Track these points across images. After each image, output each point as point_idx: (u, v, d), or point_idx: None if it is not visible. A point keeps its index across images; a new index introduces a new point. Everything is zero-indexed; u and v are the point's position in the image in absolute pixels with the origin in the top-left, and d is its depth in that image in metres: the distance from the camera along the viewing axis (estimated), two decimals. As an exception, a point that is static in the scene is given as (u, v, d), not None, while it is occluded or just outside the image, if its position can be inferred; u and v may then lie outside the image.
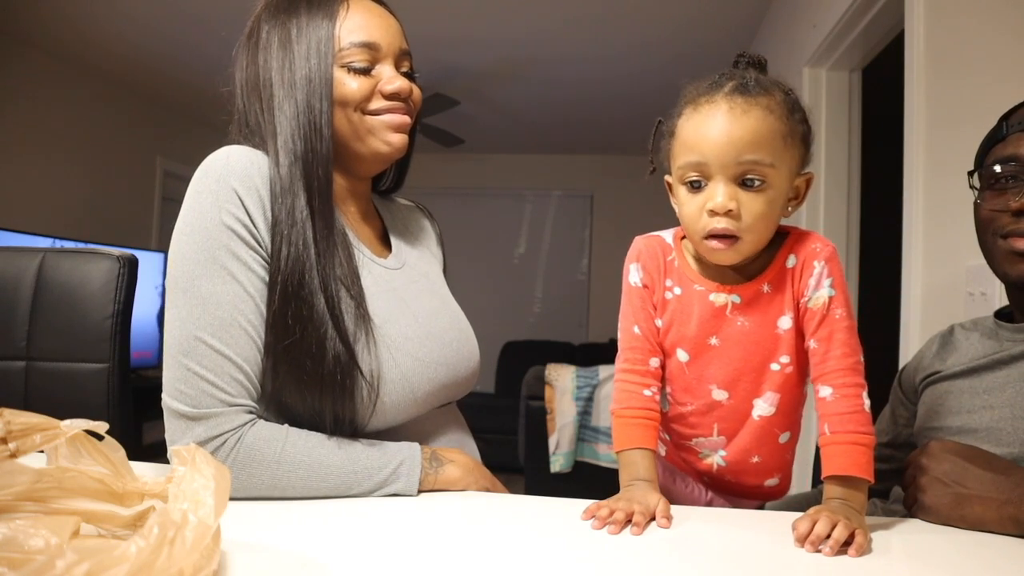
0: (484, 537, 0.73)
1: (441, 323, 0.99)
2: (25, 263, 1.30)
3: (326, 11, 0.91)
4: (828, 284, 0.84)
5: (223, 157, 0.86)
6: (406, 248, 1.06)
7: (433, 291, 1.03)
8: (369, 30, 0.92)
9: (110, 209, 4.59)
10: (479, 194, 6.24)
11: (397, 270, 1.00)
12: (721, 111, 0.79)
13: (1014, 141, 0.90)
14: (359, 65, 0.91)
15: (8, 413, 0.54)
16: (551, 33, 3.61)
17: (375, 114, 0.93)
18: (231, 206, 0.83)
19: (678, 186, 0.85)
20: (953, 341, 1.05)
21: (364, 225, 1.02)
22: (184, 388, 0.81)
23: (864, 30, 2.20)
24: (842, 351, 0.82)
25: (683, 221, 0.85)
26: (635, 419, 0.87)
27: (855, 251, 2.57)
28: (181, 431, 0.81)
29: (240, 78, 0.94)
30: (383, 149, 0.94)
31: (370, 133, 0.93)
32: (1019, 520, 0.73)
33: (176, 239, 0.85)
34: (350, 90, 0.91)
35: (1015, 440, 0.87)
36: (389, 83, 0.93)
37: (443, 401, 0.99)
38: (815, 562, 0.66)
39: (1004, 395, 0.90)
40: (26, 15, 3.59)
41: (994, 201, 0.92)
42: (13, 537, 0.45)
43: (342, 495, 0.85)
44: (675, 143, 0.84)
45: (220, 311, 0.82)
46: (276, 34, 0.91)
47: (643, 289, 0.91)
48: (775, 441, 0.92)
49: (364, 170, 0.99)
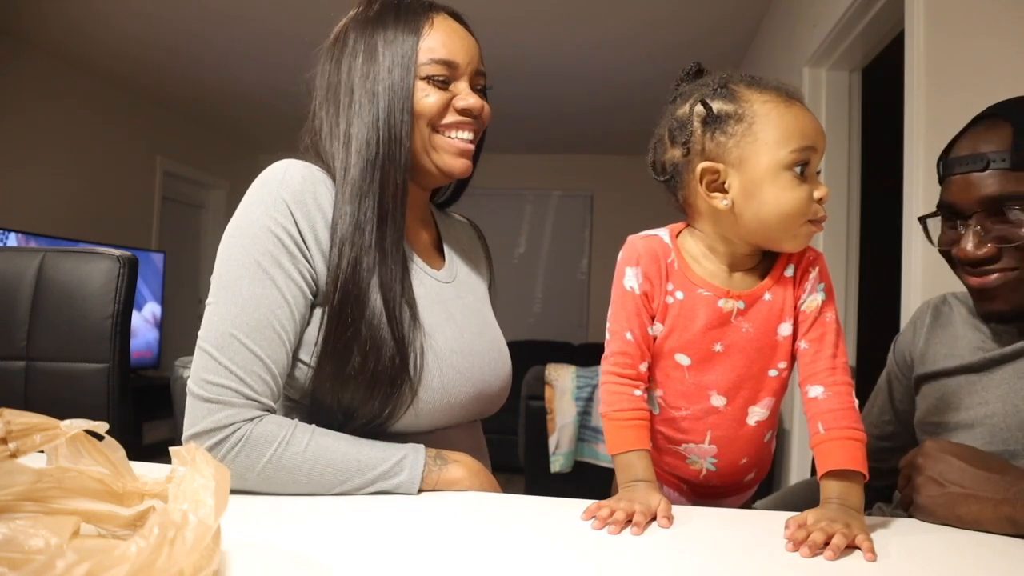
0: (484, 537, 0.73)
1: (483, 341, 1.03)
2: (25, 263, 1.30)
3: (412, 26, 0.95)
4: (821, 289, 0.87)
5: (281, 170, 0.90)
6: (459, 262, 1.10)
7: (479, 310, 1.07)
8: (450, 48, 0.95)
9: (110, 209, 4.59)
10: (479, 194, 6.21)
11: (448, 284, 1.04)
12: (807, 108, 0.83)
13: (947, 187, 0.93)
14: (438, 78, 0.95)
15: (8, 413, 0.54)
16: (548, 24, 3.60)
17: (446, 130, 0.97)
18: (281, 217, 0.88)
19: (779, 172, 0.80)
20: (946, 314, 1.08)
21: (420, 233, 1.06)
22: (212, 378, 0.84)
23: (864, 30, 2.20)
24: (831, 352, 0.85)
25: (783, 205, 0.81)
26: (629, 421, 0.86)
27: (855, 250, 2.57)
28: (201, 416, 0.84)
29: (321, 83, 0.98)
30: (446, 170, 0.98)
31: (436, 151, 0.97)
32: (1014, 519, 0.74)
33: (225, 241, 0.89)
34: (427, 103, 0.94)
35: (1008, 436, 0.88)
36: (463, 99, 0.96)
37: (472, 416, 1.02)
38: (815, 562, 0.66)
39: (998, 392, 0.92)
40: (26, 15, 3.59)
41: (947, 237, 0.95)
42: (13, 537, 0.45)
43: (345, 482, 0.85)
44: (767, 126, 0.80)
45: (257, 312, 0.86)
46: (363, 43, 0.95)
47: (641, 296, 0.88)
48: (762, 441, 0.94)
49: (425, 183, 1.02)
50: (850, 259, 2.56)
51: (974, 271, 0.91)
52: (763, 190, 0.81)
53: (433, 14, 0.97)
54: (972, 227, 0.89)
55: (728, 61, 3.86)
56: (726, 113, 0.82)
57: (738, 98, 0.82)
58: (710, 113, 0.83)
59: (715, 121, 0.83)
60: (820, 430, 0.80)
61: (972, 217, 0.89)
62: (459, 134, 0.97)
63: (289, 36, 3.70)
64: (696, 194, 0.86)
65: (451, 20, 0.99)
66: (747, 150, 0.81)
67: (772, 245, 0.86)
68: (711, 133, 0.83)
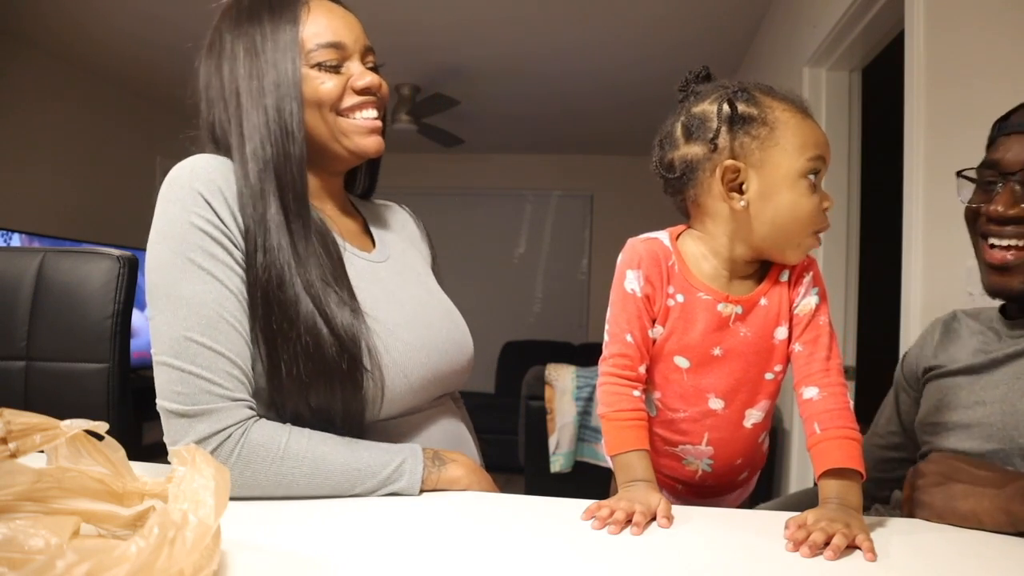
0: (484, 537, 0.73)
1: (429, 311, 1.00)
2: (25, 263, 1.30)
3: (289, 16, 0.92)
4: (814, 292, 0.88)
5: (187, 166, 0.88)
6: (390, 242, 1.07)
7: (420, 282, 1.04)
8: (334, 29, 0.94)
9: (110, 209, 4.59)
10: (479, 194, 6.24)
11: (382, 263, 1.01)
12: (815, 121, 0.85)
13: (999, 146, 0.93)
14: (330, 64, 0.93)
15: (8, 413, 0.54)
16: (550, 25, 3.60)
17: (349, 112, 0.95)
18: (199, 209, 0.85)
19: (797, 179, 0.82)
20: (955, 329, 1.07)
21: (345, 221, 1.03)
22: (180, 388, 0.81)
23: (864, 30, 2.20)
24: (826, 354, 0.85)
25: (796, 212, 0.82)
26: (628, 421, 0.86)
27: (855, 251, 2.57)
28: (183, 430, 0.81)
29: (204, 90, 0.95)
30: (360, 151, 0.97)
31: (346, 135, 0.95)
32: (1010, 511, 0.74)
33: (150, 250, 0.86)
34: (325, 89, 0.92)
35: (1004, 436, 0.89)
36: (360, 78, 0.94)
37: (441, 390, 1.00)
38: (816, 562, 0.66)
39: (997, 392, 0.93)
40: (26, 14, 3.59)
41: (976, 196, 0.96)
42: (13, 537, 0.45)
43: (345, 493, 0.85)
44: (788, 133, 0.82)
45: (205, 309, 0.83)
46: (241, 43, 0.92)
47: (643, 299, 0.88)
48: (756, 441, 0.95)
49: (339, 168, 1.01)
50: (850, 259, 2.56)
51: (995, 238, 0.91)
52: (780, 194, 0.82)
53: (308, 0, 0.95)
54: (1010, 186, 0.89)
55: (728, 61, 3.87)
56: (751, 115, 0.83)
57: (760, 103, 0.84)
58: (735, 113, 0.83)
59: (740, 122, 0.83)
60: (816, 430, 0.81)
61: (1014, 177, 0.89)
62: (364, 114, 0.96)
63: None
64: (710, 193, 0.86)
65: (327, 1, 0.97)
66: (768, 153, 0.82)
67: (775, 253, 0.86)
68: (735, 133, 0.84)
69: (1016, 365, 0.93)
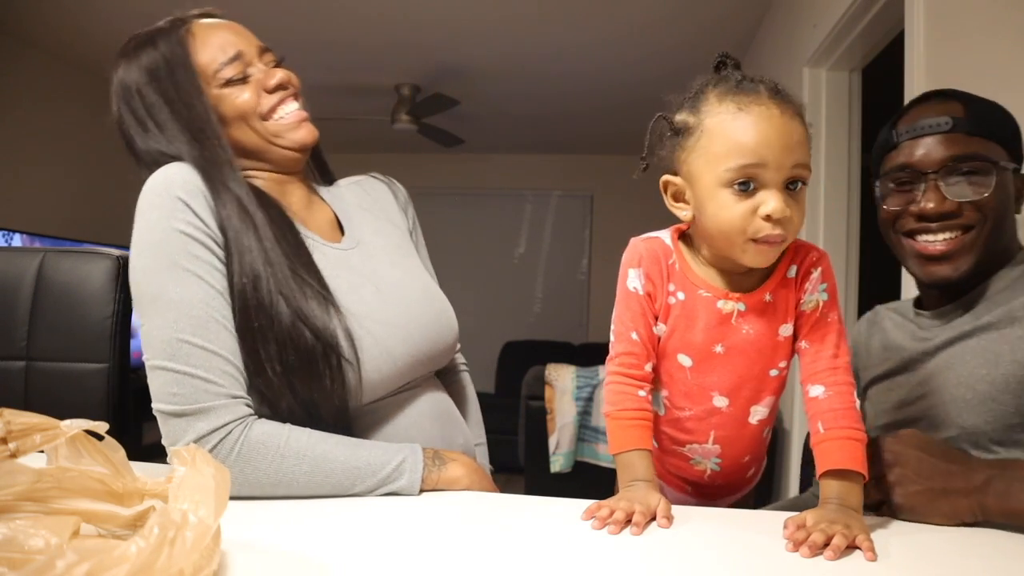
0: (484, 537, 0.73)
1: (406, 290, 1.00)
2: (25, 263, 1.30)
3: (178, 51, 0.94)
4: (822, 289, 0.86)
5: (162, 174, 0.89)
6: (360, 227, 1.07)
7: (394, 263, 1.04)
8: (225, 45, 0.96)
9: (110, 209, 4.58)
10: (479, 194, 6.23)
11: (351, 250, 1.01)
12: (775, 114, 0.76)
13: (905, 149, 0.97)
14: (237, 77, 0.95)
15: (8, 413, 0.54)
16: (550, 25, 3.60)
17: (272, 113, 0.97)
18: (180, 213, 0.86)
19: (717, 189, 0.78)
20: (880, 324, 1.14)
21: (311, 214, 1.04)
22: (177, 390, 0.81)
23: (864, 30, 2.19)
24: (833, 351, 0.84)
25: (721, 223, 0.79)
26: (631, 420, 0.86)
27: (855, 250, 2.57)
28: (182, 430, 0.81)
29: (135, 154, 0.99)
30: (297, 145, 0.99)
31: (279, 136, 0.98)
32: (985, 506, 0.77)
33: (134, 260, 0.87)
34: (243, 102, 0.95)
35: (950, 424, 0.93)
36: (269, 78, 0.97)
37: (426, 368, 1.00)
38: (815, 562, 0.66)
39: (935, 383, 0.97)
40: (26, 15, 3.59)
41: (896, 200, 0.99)
42: (13, 537, 0.45)
43: (345, 492, 0.85)
44: (711, 143, 0.79)
45: (195, 311, 0.83)
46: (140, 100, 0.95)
47: (644, 297, 0.88)
48: (762, 437, 0.95)
49: (291, 167, 1.02)
50: (850, 259, 2.56)
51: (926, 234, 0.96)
52: (706, 206, 0.81)
53: (188, 26, 0.97)
54: (931, 186, 0.94)
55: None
56: (686, 125, 0.82)
57: (699, 109, 0.81)
58: (671, 126, 0.83)
59: (676, 134, 0.83)
60: (820, 430, 0.81)
61: (930, 177, 0.94)
62: (285, 109, 0.98)
63: (288, 36, 3.70)
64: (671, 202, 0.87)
65: (207, 20, 0.99)
66: (694, 165, 0.81)
67: (733, 257, 0.82)
68: (672, 146, 0.84)
69: (946, 354, 0.96)
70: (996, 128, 0.95)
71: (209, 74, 0.94)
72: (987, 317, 0.93)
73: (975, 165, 0.92)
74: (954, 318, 0.99)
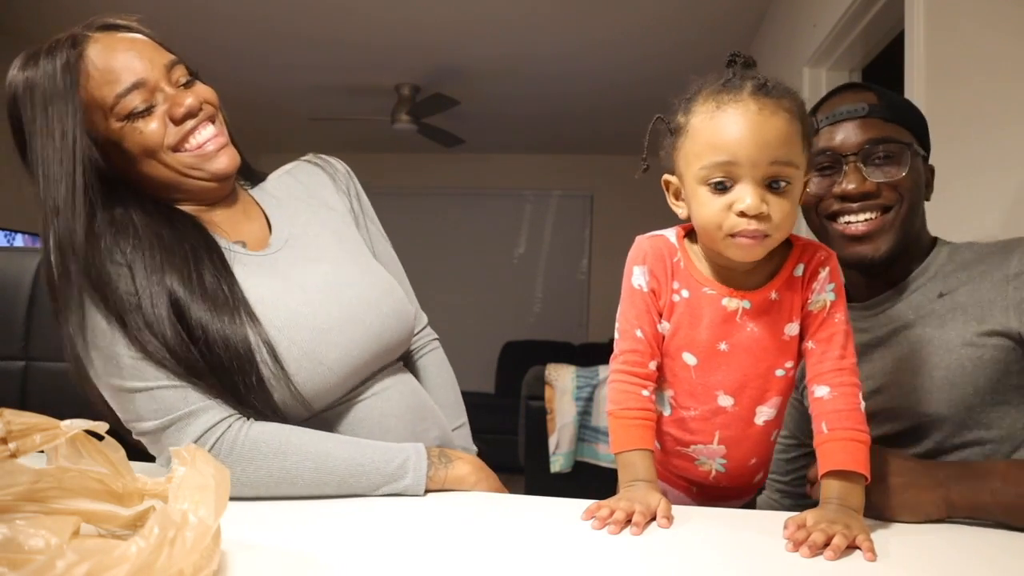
0: (484, 537, 0.73)
1: (339, 289, 0.93)
2: (24, 263, 1.30)
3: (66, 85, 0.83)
4: (830, 289, 0.86)
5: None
6: (290, 222, 1.00)
7: (323, 257, 0.97)
8: (123, 70, 0.85)
9: (110, 209, 4.58)
10: (479, 194, 6.23)
11: (276, 252, 0.95)
12: (751, 111, 0.77)
13: (824, 135, 1.01)
14: (140, 109, 0.85)
15: (8, 413, 0.54)
16: (550, 25, 3.60)
17: (183, 143, 0.89)
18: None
19: (696, 186, 0.80)
20: None
21: (239, 225, 0.97)
22: (154, 405, 0.80)
23: (864, 30, 2.20)
24: (839, 352, 0.84)
25: (701, 220, 0.81)
26: (633, 420, 0.86)
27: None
28: (175, 436, 0.80)
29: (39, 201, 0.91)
30: (218, 174, 0.92)
31: (193, 168, 0.90)
32: (950, 500, 0.79)
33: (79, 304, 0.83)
34: (148, 135, 0.86)
35: (909, 414, 0.95)
36: (175, 108, 0.87)
37: (378, 363, 0.95)
38: (815, 562, 0.66)
39: (887, 378, 0.98)
40: (26, 15, 3.59)
41: (818, 184, 1.01)
42: (13, 537, 0.45)
43: (349, 490, 0.85)
44: (691, 142, 0.81)
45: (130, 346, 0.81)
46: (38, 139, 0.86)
47: (649, 294, 0.88)
48: (769, 440, 0.94)
49: (209, 198, 0.95)
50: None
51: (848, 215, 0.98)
52: (691, 203, 0.83)
53: (82, 47, 0.86)
54: (852, 168, 0.97)
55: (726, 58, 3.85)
56: (678, 125, 0.84)
57: (689, 109, 0.82)
58: (667, 127, 0.86)
59: (671, 134, 0.85)
60: (824, 430, 0.80)
61: (850, 159, 0.97)
62: (198, 137, 0.89)
63: (289, 36, 3.70)
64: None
65: (106, 36, 0.88)
66: (680, 164, 0.84)
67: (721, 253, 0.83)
68: (669, 146, 0.86)
69: (892, 345, 0.99)
70: (908, 116, 1.01)
71: (107, 107, 0.85)
72: (927, 306, 0.97)
73: (891, 148, 0.97)
74: (887, 309, 1.02)
